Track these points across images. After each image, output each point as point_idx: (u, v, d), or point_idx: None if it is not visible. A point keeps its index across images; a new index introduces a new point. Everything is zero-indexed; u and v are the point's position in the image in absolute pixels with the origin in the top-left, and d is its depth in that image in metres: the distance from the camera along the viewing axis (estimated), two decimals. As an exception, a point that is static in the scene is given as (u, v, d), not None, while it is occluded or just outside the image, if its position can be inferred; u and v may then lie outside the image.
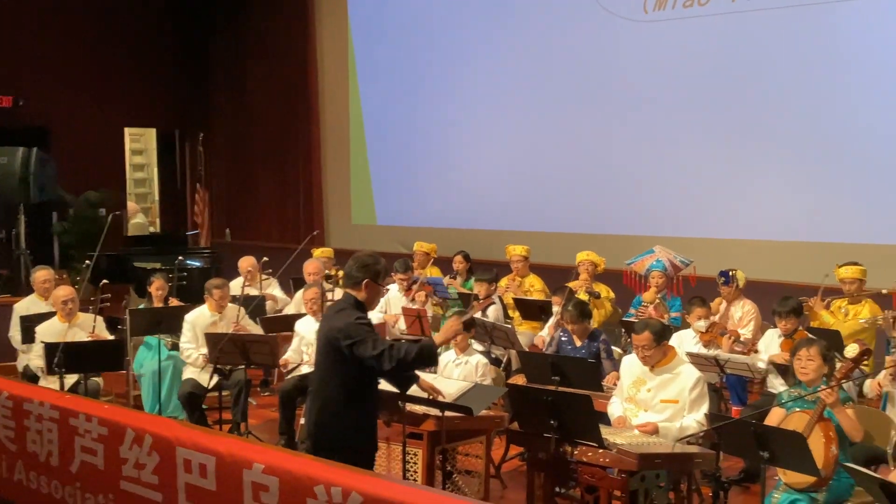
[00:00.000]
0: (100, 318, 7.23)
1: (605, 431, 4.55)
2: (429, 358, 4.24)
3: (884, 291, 6.95)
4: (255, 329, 7.26)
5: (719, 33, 9.07)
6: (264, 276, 8.88)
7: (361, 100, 12.45)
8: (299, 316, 7.27)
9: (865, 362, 5.47)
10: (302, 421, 6.08)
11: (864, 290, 6.89)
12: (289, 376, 6.89)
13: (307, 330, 6.84)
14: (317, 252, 9.63)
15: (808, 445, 4.07)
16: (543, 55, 10.48)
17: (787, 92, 8.72)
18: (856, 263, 6.92)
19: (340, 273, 8.02)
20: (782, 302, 6.33)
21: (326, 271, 8.38)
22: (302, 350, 6.86)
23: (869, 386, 5.60)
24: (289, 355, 6.90)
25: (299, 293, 8.07)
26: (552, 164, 10.47)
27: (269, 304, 8.69)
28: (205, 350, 6.82)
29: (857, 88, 8.33)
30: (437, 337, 4.33)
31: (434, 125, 11.66)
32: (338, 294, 6.88)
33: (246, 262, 8.86)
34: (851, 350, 4.63)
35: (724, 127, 9.12)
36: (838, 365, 4.74)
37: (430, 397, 4.90)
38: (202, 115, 14.50)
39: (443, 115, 11.55)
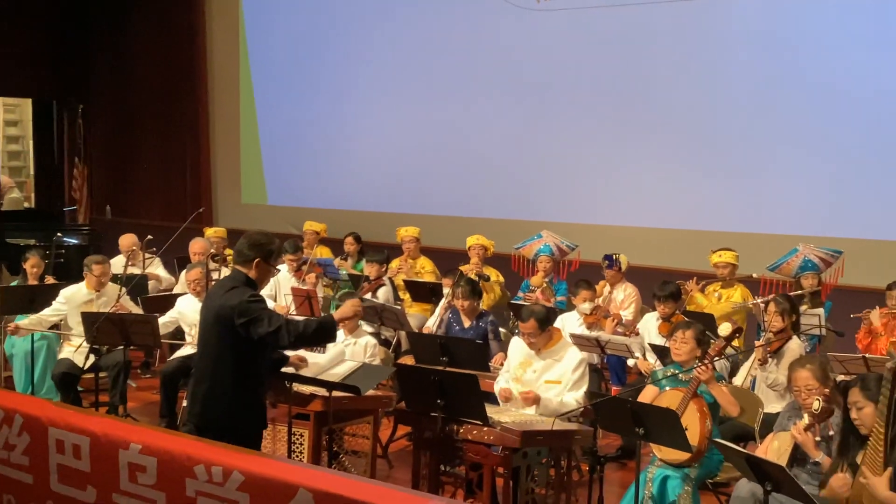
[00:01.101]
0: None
1: (490, 410, 4.63)
2: (329, 332, 4.22)
3: (754, 276, 7.35)
4: (136, 310, 7.04)
5: (608, 24, 9.32)
6: (148, 255, 8.60)
7: (252, 75, 12.18)
8: (182, 296, 7.09)
9: (736, 339, 5.77)
10: (184, 404, 5.94)
11: (737, 276, 7.27)
12: (171, 357, 6.71)
13: (190, 309, 6.67)
14: (209, 231, 9.40)
15: (682, 422, 4.25)
16: (435, 40, 10.52)
17: (670, 83, 9.05)
18: (729, 250, 7.29)
19: (229, 253, 7.85)
20: (661, 286, 6.59)
21: (212, 251, 8.20)
22: (184, 330, 6.69)
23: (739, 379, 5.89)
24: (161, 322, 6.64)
25: (184, 273, 7.86)
26: (443, 148, 10.54)
27: (152, 283, 8.44)
28: (78, 329, 6.56)
29: (736, 82, 8.72)
30: (336, 314, 4.31)
31: (327, 106, 11.54)
32: (224, 274, 6.73)
33: (127, 241, 8.56)
34: (724, 329, 4.87)
35: (609, 117, 9.39)
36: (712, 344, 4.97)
37: (298, 370, 4.89)
38: (82, 86, 13.84)
39: (335, 96, 11.43)
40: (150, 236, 8.64)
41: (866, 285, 7.50)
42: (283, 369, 4.83)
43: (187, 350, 6.56)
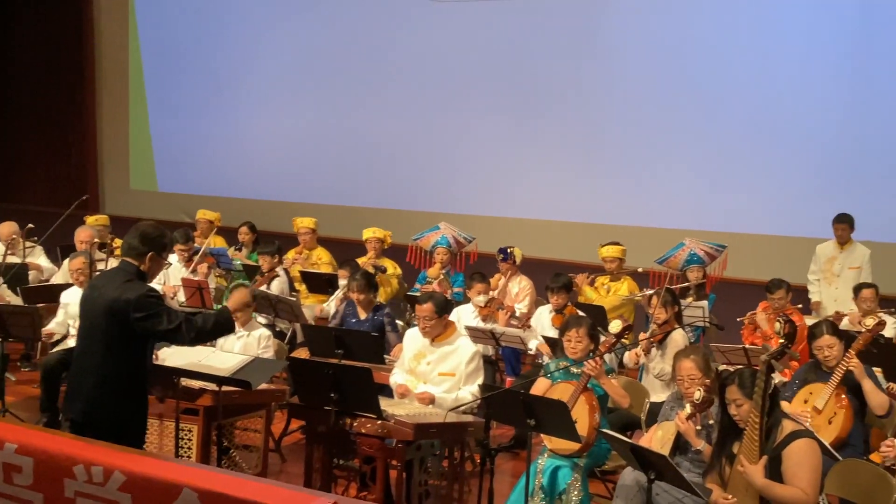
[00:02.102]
0: None
1: (384, 403, 4.62)
2: (227, 325, 4.24)
3: (640, 270, 7.58)
4: (15, 300, 6.72)
5: (502, 19, 9.45)
6: (29, 244, 8.22)
7: (142, 55, 11.77)
8: (65, 286, 6.81)
9: (626, 337, 5.93)
10: (65, 398, 5.71)
11: (624, 269, 7.47)
12: (53, 350, 6.44)
13: (75, 301, 6.39)
14: (90, 219, 9.03)
15: (571, 414, 4.35)
16: (332, 31, 10.43)
17: (563, 81, 9.26)
18: (616, 243, 7.49)
19: (117, 242, 7.57)
20: (554, 278, 6.72)
21: (97, 240, 7.91)
22: (68, 323, 6.43)
23: (628, 356, 6.08)
24: (52, 326, 6.45)
25: (66, 261, 7.54)
26: (341, 137, 10.47)
27: (33, 273, 8.07)
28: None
29: (625, 81, 8.98)
30: (230, 305, 4.24)
31: (221, 91, 11.27)
32: (111, 264, 6.49)
33: (7, 229, 8.17)
34: (615, 326, 4.99)
35: (505, 111, 9.55)
36: (602, 339, 5.10)
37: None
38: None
39: (230, 80, 11.19)
40: (31, 225, 8.26)
41: (748, 278, 7.85)
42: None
43: (70, 343, 6.30)
